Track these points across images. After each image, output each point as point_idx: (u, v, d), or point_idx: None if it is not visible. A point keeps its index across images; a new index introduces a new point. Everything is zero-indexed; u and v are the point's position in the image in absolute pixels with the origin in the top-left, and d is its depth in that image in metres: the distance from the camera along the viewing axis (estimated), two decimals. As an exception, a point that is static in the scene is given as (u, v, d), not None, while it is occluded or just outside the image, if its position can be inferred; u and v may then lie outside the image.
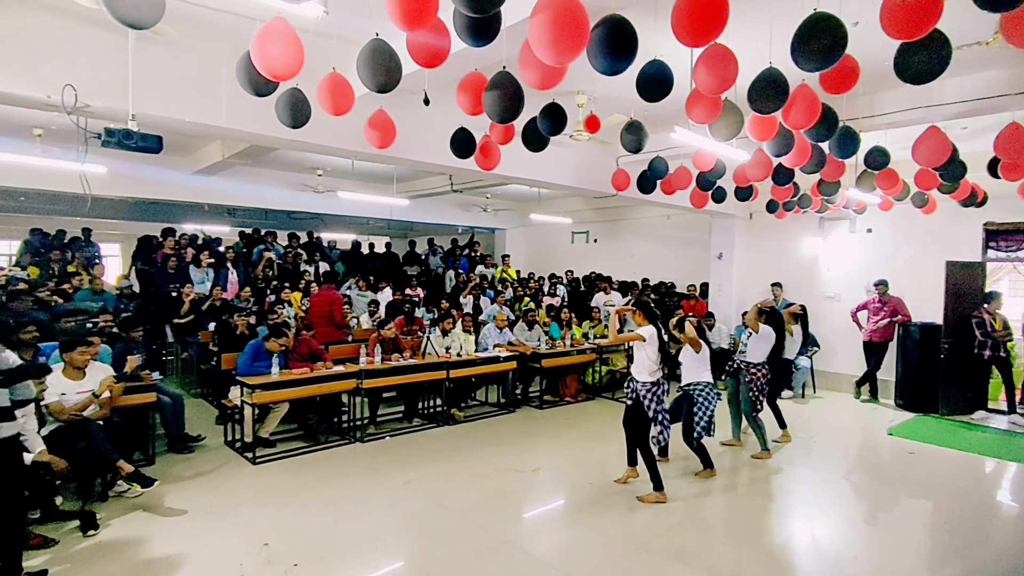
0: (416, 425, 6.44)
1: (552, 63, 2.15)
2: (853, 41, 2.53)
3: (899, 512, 4.51)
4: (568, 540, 3.88)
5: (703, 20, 2.14)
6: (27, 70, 3.34)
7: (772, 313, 5.56)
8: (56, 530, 3.74)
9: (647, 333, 4.26)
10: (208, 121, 4.04)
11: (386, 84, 2.74)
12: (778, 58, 3.17)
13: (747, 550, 3.73)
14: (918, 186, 5.68)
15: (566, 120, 3.63)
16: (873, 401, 8.08)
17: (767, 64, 3.15)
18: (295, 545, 3.65)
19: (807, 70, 2.52)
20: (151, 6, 2.12)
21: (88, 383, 4.20)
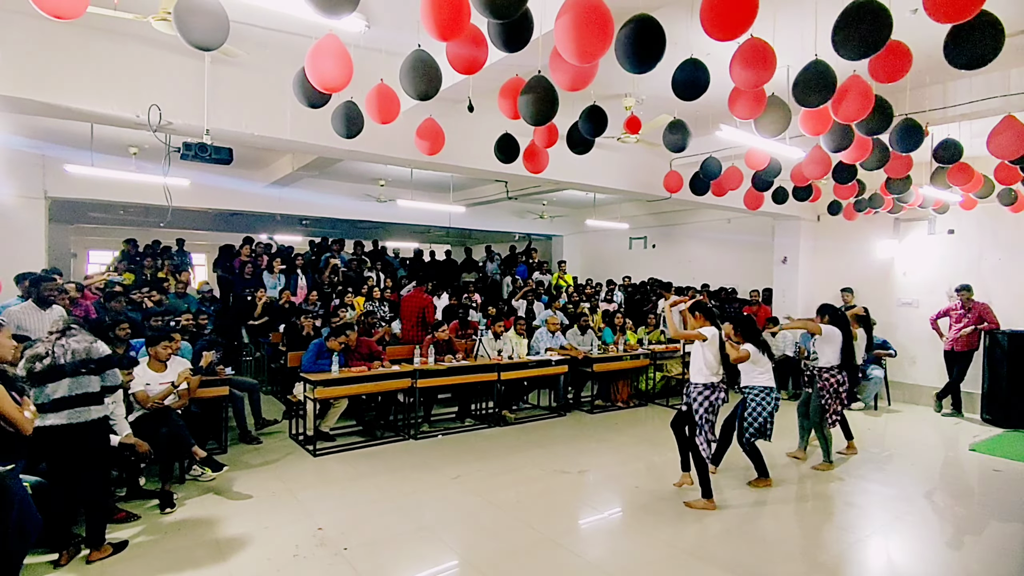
0: (468, 425, 6.59)
1: (576, 63, 2.22)
2: (915, 29, 2.43)
3: (977, 534, 4.18)
4: (611, 542, 3.88)
5: (732, 14, 2.13)
6: (120, 93, 3.76)
7: (832, 311, 5.27)
8: (139, 507, 4.13)
9: (709, 333, 4.20)
10: (274, 134, 4.37)
11: (427, 92, 2.90)
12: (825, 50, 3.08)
13: (795, 564, 3.59)
14: (999, 181, 5.27)
15: (607, 122, 3.67)
16: (956, 415, 7.49)
17: (813, 56, 3.07)
18: (347, 530, 3.86)
19: (848, 58, 2.45)
20: (216, 29, 2.37)
21: (169, 375, 4.62)
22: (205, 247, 16.92)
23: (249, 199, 9.20)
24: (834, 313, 5.22)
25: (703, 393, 4.17)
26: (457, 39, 2.40)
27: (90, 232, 14.30)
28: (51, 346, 3.17)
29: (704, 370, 4.20)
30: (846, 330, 5.12)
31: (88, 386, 3.20)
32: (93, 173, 6.06)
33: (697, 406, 4.18)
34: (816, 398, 5.16)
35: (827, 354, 5.16)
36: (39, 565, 3.33)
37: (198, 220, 12.98)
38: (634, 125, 4.47)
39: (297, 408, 5.88)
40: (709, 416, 4.17)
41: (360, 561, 3.45)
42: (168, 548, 3.59)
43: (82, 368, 3.15)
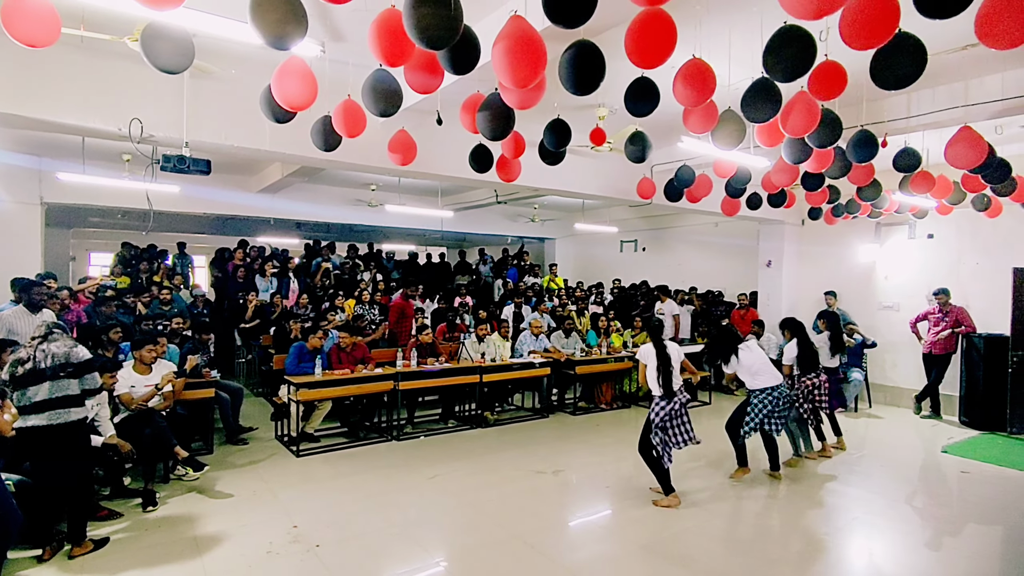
0: (451, 427, 6.73)
1: (512, 87, 2.36)
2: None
3: (938, 532, 4.28)
4: (574, 538, 4.02)
5: (649, 48, 2.27)
6: (103, 108, 3.92)
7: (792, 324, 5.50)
8: (122, 505, 4.28)
9: (644, 354, 4.40)
10: (254, 145, 4.53)
11: (386, 111, 3.05)
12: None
13: (751, 558, 3.71)
14: (966, 189, 5.39)
15: (570, 135, 3.81)
16: (935, 417, 7.59)
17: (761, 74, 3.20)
18: (321, 528, 4.00)
19: (779, 80, 2.59)
20: (181, 54, 2.52)
21: (154, 378, 4.78)
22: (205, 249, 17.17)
23: (241, 205, 9.37)
24: (792, 324, 5.43)
25: (657, 403, 4.34)
26: (407, 64, 2.54)
27: (91, 235, 14.52)
28: (33, 351, 3.32)
29: (653, 384, 4.37)
30: (801, 335, 5.33)
31: (68, 389, 3.35)
32: (84, 181, 6.22)
33: (652, 415, 4.33)
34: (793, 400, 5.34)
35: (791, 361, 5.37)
36: (23, 560, 3.48)
37: (196, 224, 13.17)
38: (599, 137, 4.61)
39: (283, 410, 6.03)
40: (661, 422, 4.29)
41: (330, 557, 3.60)
42: (148, 544, 3.74)
43: (61, 372, 3.30)
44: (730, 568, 3.56)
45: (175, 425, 4.83)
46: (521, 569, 3.51)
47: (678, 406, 4.32)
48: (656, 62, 2.30)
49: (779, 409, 4.81)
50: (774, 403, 4.79)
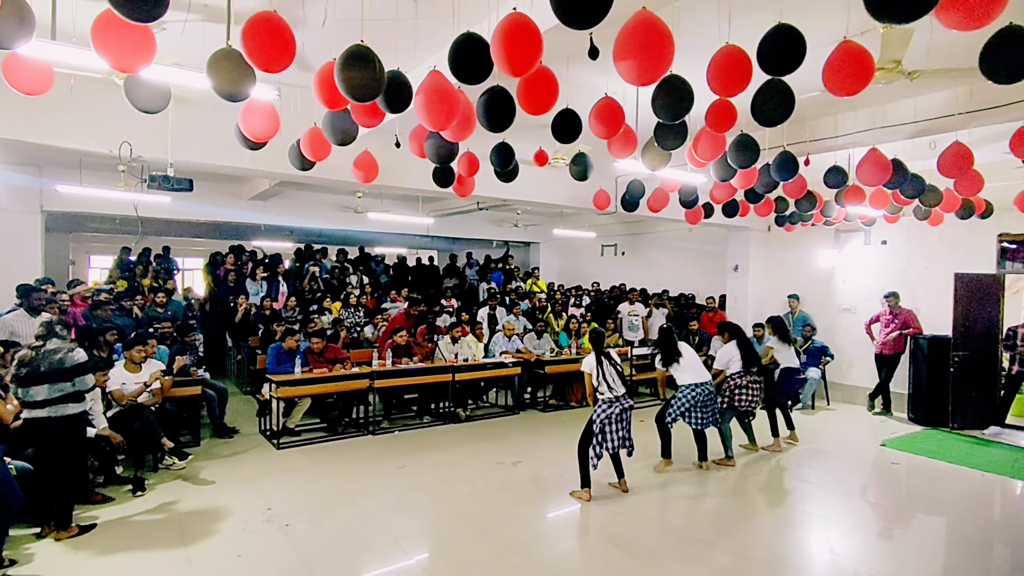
0: (425, 423, 7.17)
1: (433, 130, 2.79)
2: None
3: (860, 514, 4.71)
4: (516, 517, 4.45)
5: (536, 98, 2.71)
6: (95, 132, 4.38)
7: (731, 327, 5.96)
8: (114, 491, 4.73)
9: (586, 364, 4.81)
10: (234, 164, 4.98)
11: (343, 142, 3.49)
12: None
13: (668, 537, 4.16)
14: (895, 202, 5.82)
15: (513, 156, 4.25)
16: (886, 414, 8.02)
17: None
18: (293, 510, 4.44)
19: (663, 120, 3.02)
20: (159, 98, 2.97)
21: (143, 376, 5.22)
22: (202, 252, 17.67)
23: (233, 211, 9.82)
24: (730, 328, 5.86)
25: (600, 406, 4.75)
26: (338, 110, 3.00)
27: (91, 239, 14.99)
28: (34, 353, 3.76)
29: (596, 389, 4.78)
30: (741, 338, 5.77)
31: (64, 389, 3.79)
32: (82, 192, 6.67)
33: (594, 416, 4.75)
34: (719, 401, 5.79)
35: (733, 365, 5.80)
36: (24, 536, 3.93)
37: (192, 229, 13.63)
38: (541, 159, 5.05)
39: (266, 406, 6.48)
40: (602, 425, 4.69)
41: (298, 534, 4.04)
42: (135, 525, 4.19)
43: (56, 377, 3.74)
44: (661, 547, 4.01)
45: (164, 419, 5.28)
46: (468, 544, 3.95)
47: (619, 410, 4.72)
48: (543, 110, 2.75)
49: (702, 404, 5.26)
50: (696, 398, 5.25)
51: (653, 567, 3.68)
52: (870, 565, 3.77)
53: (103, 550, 3.79)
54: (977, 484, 5.36)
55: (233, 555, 3.74)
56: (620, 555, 3.80)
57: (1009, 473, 5.60)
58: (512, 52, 2.19)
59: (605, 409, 4.72)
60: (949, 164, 4.39)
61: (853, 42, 2.63)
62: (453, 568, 3.67)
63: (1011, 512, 4.88)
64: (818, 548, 4.07)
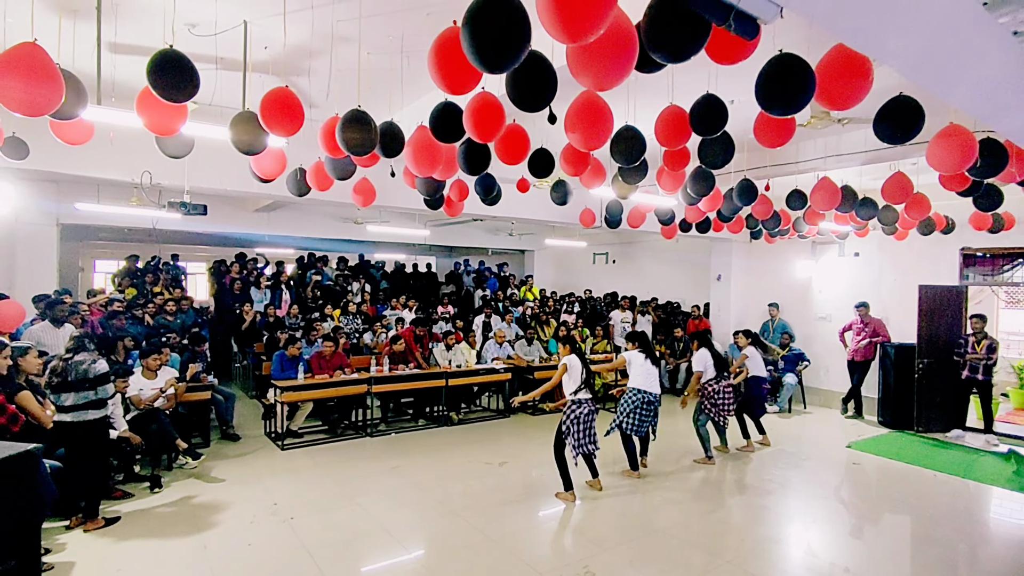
0: (420, 425, 7.62)
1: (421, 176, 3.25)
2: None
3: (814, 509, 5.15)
4: (499, 513, 4.90)
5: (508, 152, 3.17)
6: (118, 162, 4.84)
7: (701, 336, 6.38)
8: (133, 488, 5.18)
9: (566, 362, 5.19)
10: (245, 189, 5.45)
11: (343, 177, 3.95)
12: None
13: (638, 529, 4.61)
14: (852, 220, 6.28)
15: (495, 185, 4.71)
16: (858, 418, 8.46)
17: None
18: (296, 505, 4.90)
19: (620, 163, 3.48)
20: (185, 146, 3.43)
21: (159, 382, 5.68)
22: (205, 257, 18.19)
23: (239, 223, 10.27)
24: (699, 336, 6.31)
25: (569, 406, 5.11)
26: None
27: (97, 246, 15.49)
28: (64, 363, 4.22)
29: (569, 389, 5.12)
30: (708, 345, 6.20)
31: (88, 396, 4.25)
32: (99, 210, 7.13)
33: (564, 417, 5.14)
34: (698, 403, 6.23)
35: (709, 371, 6.22)
36: (55, 528, 4.39)
37: (197, 237, 14.11)
38: (523, 186, 5.51)
39: (271, 410, 6.93)
40: (573, 425, 5.04)
41: (301, 527, 4.49)
42: (155, 517, 4.65)
43: (81, 385, 4.20)
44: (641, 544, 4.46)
45: (177, 422, 5.74)
46: (450, 536, 4.41)
47: (587, 411, 5.14)
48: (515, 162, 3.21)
49: (643, 410, 5.54)
50: (637, 402, 5.53)
51: (630, 564, 4.12)
52: (824, 557, 4.22)
53: (127, 540, 4.25)
54: (929, 483, 5.80)
55: (244, 544, 4.19)
56: (599, 551, 4.24)
57: (960, 473, 6.04)
58: (480, 124, 2.63)
59: (574, 410, 5.09)
60: (892, 192, 4.83)
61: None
62: (440, 557, 4.12)
63: (957, 509, 5.31)
64: (787, 544, 4.51)
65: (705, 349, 6.22)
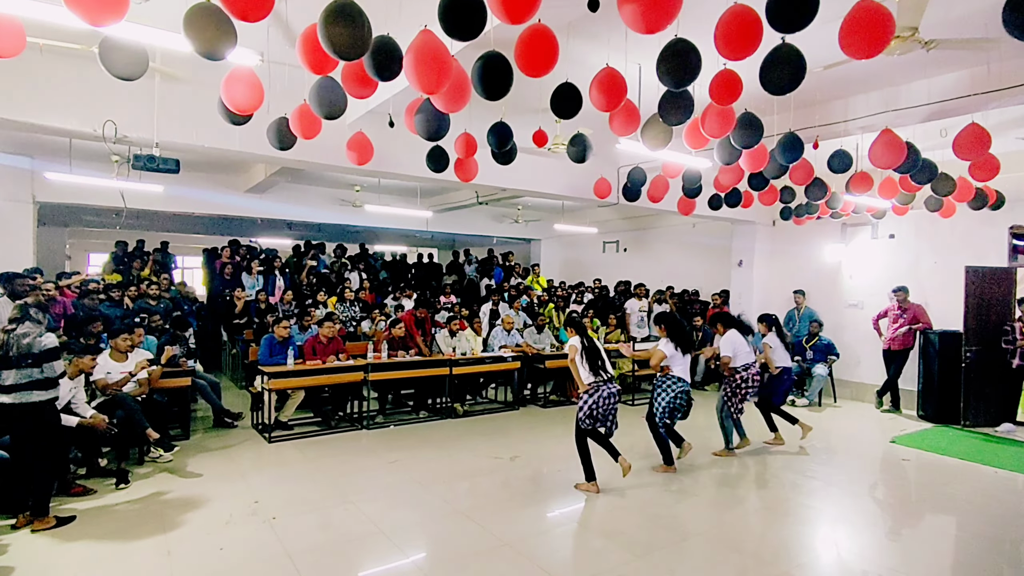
0: (421, 418, 6.99)
1: (424, 94, 2.64)
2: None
3: (866, 509, 4.53)
4: (514, 513, 4.27)
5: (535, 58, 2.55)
6: (79, 110, 4.23)
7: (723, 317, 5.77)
8: (97, 484, 4.56)
9: (568, 347, 4.62)
10: (223, 146, 4.82)
11: (331, 115, 3.33)
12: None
13: (672, 532, 3.98)
14: (903, 189, 5.65)
15: (511, 136, 4.09)
16: (895, 412, 7.82)
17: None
18: (280, 504, 4.27)
19: (669, 87, 2.86)
20: (136, 63, 2.81)
21: (129, 365, 5.07)
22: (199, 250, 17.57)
23: (229, 204, 9.69)
24: (726, 319, 5.67)
25: (587, 391, 4.54)
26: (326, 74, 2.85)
27: (87, 235, 14.88)
28: (5, 336, 3.61)
29: (582, 375, 4.56)
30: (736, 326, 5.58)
31: (31, 375, 3.64)
32: (71, 180, 6.53)
33: (581, 403, 4.57)
34: (722, 392, 5.61)
35: (739, 357, 5.59)
36: None
37: (190, 224, 13.52)
38: (541, 139, 4.88)
39: (259, 399, 6.31)
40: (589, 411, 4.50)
41: (284, 528, 3.86)
42: (116, 517, 4.03)
43: (23, 363, 3.59)
44: (653, 538, 3.83)
45: (152, 412, 5.12)
46: (460, 540, 3.78)
47: (606, 394, 4.54)
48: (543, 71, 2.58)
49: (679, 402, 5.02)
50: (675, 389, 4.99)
51: (653, 562, 3.50)
52: (879, 563, 3.59)
53: (80, 542, 3.63)
54: (990, 481, 5.17)
55: (215, 548, 3.57)
56: (618, 550, 3.62)
57: (1022, 470, 5.41)
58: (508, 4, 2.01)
59: (589, 392, 4.53)
60: (965, 146, 4.21)
61: (872, 0, 2.46)
62: (447, 563, 3.49)
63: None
64: (825, 545, 3.88)
65: (735, 331, 5.58)
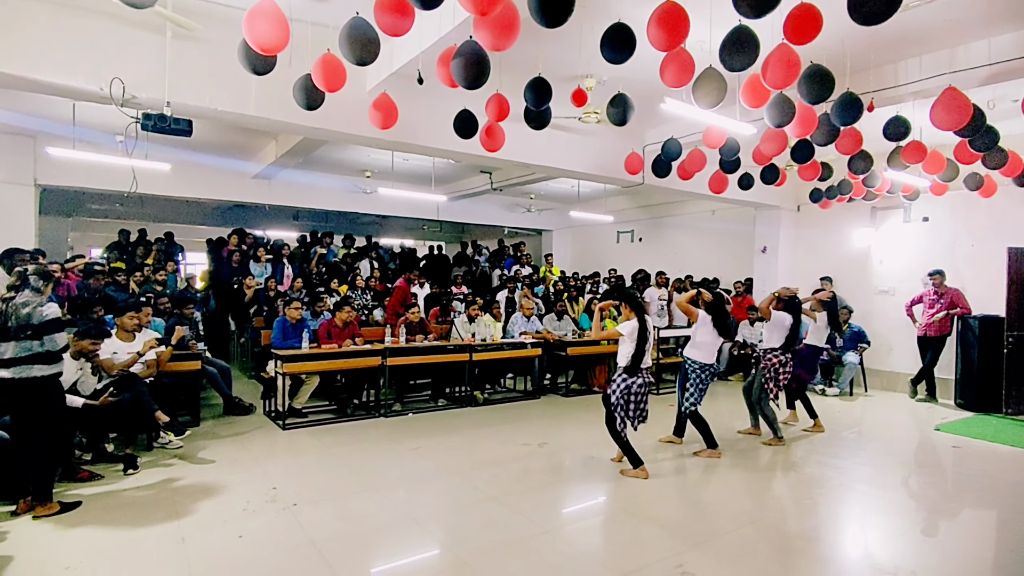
0: (440, 406, 6.69)
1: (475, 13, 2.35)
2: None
3: (925, 498, 4.22)
4: (551, 500, 3.98)
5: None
6: (85, 66, 3.93)
7: (790, 300, 5.41)
8: (103, 469, 4.26)
9: (627, 329, 4.28)
10: (238, 110, 4.52)
11: (363, 58, 3.03)
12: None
13: (725, 521, 3.67)
14: (959, 162, 5.34)
15: (550, 93, 3.80)
16: (930, 400, 7.51)
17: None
18: (299, 490, 3.98)
19: (745, 16, 2.56)
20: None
21: (136, 345, 4.77)
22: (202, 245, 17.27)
23: (236, 189, 9.42)
24: (790, 302, 5.36)
25: (620, 375, 4.28)
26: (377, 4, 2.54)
27: (90, 227, 14.58)
28: (3, 306, 3.31)
29: (623, 357, 4.30)
30: (796, 316, 5.27)
31: (31, 348, 3.34)
32: (75, 156, 6.24)
33: (611, 389, 4.29)
34: (759, 376, 5.31)
35: (772, 338, 5.32)
36: None
37: (195, 214, 13.23)
38: (580, 98, 4.57)
39: (271, 385, 6.00)
40: (622, 399, 4.23)
41: (305, 515, 3.57)
42: (124, 503, 3.73)
43: (21, 334, 3.29)
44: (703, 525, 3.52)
45: (161, 395, 4.82)
46: (497, 527, 3.48)
47: (640, 383, 4.26)
48: None
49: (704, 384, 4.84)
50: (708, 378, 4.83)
51: (709, 552, 3.19)
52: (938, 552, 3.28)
53: (86, 529, 3.33)
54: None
55: (233, 535, 3.27)
56: (689, 548, 3.28)
57: (1084, 458, 5.10)
58: None
59: (623, 377, 4.26)
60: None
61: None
62: (486, 552, 3.18)
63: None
64: (919, 537, 3.58)
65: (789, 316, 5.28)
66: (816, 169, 5.82)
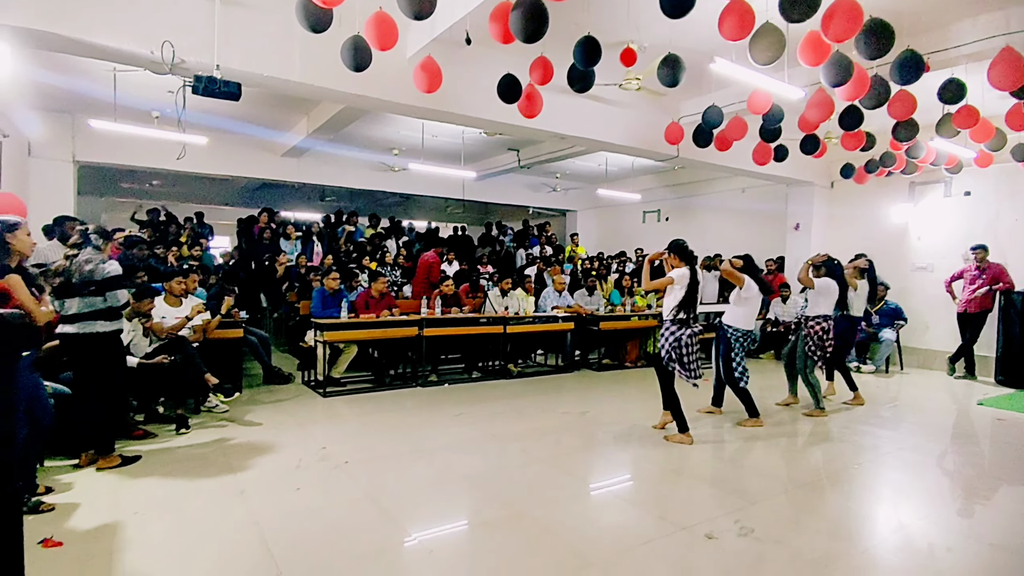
0: (475, 377, 6.73)
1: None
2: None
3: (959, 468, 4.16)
4: (600, 463, 4.01)
5: None
6: (135, 29, 3.95)
7: (829, 263, 5.30)
8: (156, 429, 4.37)
9: (677, 275, 4.23)
10: (283, 76, 4.53)
11: (420, 12, 3.02)
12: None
13: (771, 481, 3.66)
14: (1010, 127, 5.19)
15: (600, 53, 3.75)
16: (969, 378, 7.38)
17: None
18: (348, 450, 4.04)
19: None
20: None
21: (184, 310, 4.86)
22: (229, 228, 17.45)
23: (267, 166, 9.48)
24: (830, 266, 5.27)
25: (668, 328, 4.24)
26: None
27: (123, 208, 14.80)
28: (68, 263, 3.39)
29: (669, 308, 4.25)
30: (843, 283, 5.19)
31: (95, 304, 3.43)
32: (117, 130, 6.32)
33: (662, 341, 4.25)
34: (801, 344, 5.24)
35: (818, 305, 5.23)
36: (62, 467, 3.58)
37: (223, 194, 13.37)
38: (630, 57, 4.50)
39: (310, 356, 6.08)
40: (673, 348, 4.20)
41: (359, 472, 3.62)
42: (181, 459, 3.82)
43: (85, 290, 3.37)
44: (757, 488, 3.52)
45: (208, 360, 4.90)
46: (551, 486, 3.50)
47: (690, 332, 4.22)
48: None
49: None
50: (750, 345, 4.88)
51: (792, 520, 3.18)
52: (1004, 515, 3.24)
53: (150, 480, 3.43)
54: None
55: (291, 488, 3.34)
56: (746, 505, 3.25)
57: None
58: None
59: (670, 328, 4.22)
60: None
61: None
62: (548, 508, 3.19)
63: None
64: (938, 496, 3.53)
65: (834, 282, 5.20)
66: (860, 139, 5.70)
